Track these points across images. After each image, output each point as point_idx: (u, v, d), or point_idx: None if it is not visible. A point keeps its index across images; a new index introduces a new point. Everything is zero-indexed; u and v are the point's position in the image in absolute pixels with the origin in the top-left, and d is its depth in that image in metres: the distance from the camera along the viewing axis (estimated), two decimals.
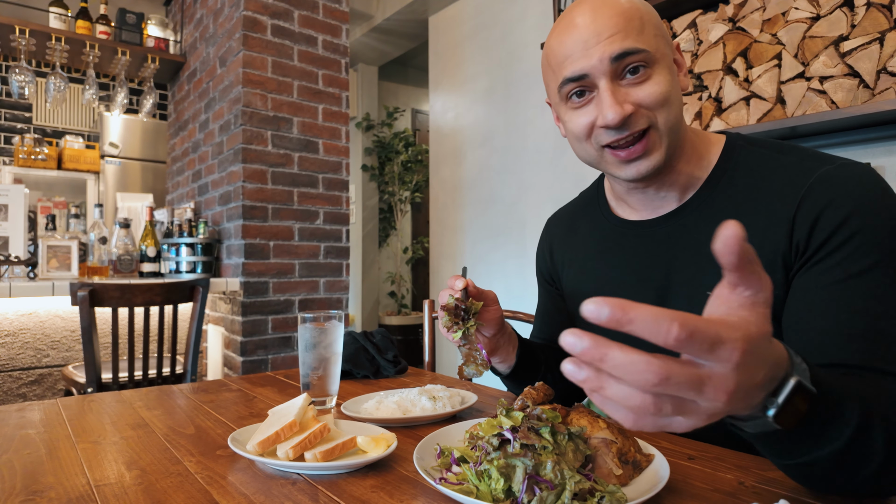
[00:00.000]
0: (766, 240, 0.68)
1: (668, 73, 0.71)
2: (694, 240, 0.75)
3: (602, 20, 0.70)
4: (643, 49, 0.69)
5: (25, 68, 2.71)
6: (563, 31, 0.73)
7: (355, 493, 0.58)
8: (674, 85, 0.72)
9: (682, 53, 0.79)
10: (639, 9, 0.71)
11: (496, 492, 0.51)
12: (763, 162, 0.74)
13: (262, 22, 2.53)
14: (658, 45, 0.71)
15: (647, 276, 0.80)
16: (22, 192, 2.24)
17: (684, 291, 0.75)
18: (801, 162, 0.71)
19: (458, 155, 3.56)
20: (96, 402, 0.96)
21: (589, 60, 0.70)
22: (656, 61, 0.70)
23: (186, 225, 2.62)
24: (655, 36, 0.71)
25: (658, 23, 0.73)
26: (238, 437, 0.70)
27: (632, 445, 0.61)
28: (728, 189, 0.75)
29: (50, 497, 0.57)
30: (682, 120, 0.74)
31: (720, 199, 0.75)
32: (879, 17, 1.56)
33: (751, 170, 0.74)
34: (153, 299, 1.80)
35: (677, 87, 0.73)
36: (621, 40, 0.69)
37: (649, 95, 0.70)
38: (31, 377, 2.21)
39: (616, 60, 0.69)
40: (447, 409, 0.85)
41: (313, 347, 0.91)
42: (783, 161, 0.72)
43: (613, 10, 0.70)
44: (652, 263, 0.79)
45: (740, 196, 0.73)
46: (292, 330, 2.58)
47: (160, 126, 3.94)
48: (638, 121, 0.70)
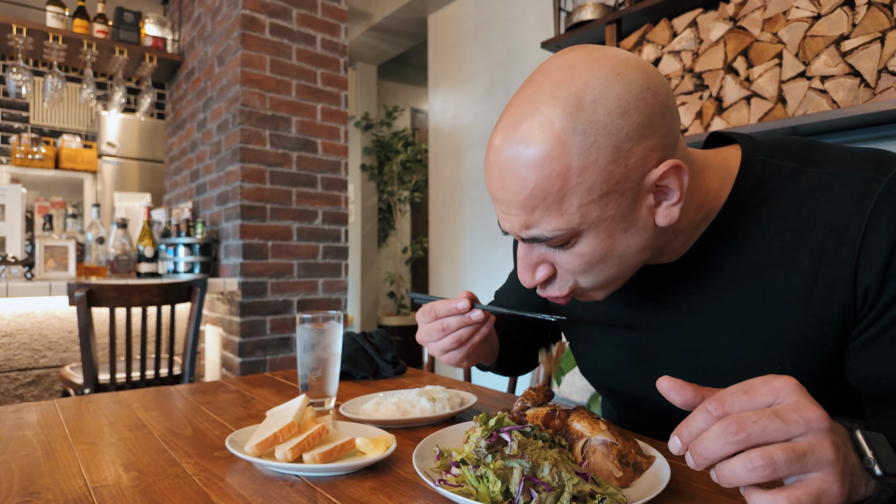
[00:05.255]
0: (816, 281, 0.58)
1: (604, 237, 0.56)
2: (712, 280, 0.65)
3: (509, 193, 0.56)
4: (555, 234, 0.55)
5: (22, 67, 2.70)
6: (486, 165, 0.59)
7: (354, 494, 0.58)
8: (614, 246, 0.57)
9: (680, 174, 0.55)
10: (561, 171, 0.52)
11: (494, 494, 0.51)
12: (792, 180, 0.61)
13: (261, 20, 2.52)
14: (587, 216, 0.54)
15: (652, 324, 0.71)
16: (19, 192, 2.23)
17: (700, 344, 0.66)
18: (844, 174, 0.58)
19: (457, 154, 3.56)
20: (93, 403, 0.95)
21: (505, 223, 0.59)
22: (582, 232, 0.56)
23: (184, 225, 2.61)
24: (587, 204, 0.54)
25: (598, 178, 0.53)
26: (236, 438, 0.70)
27: (632, 447, 0.61)
28: (752, 218, 0.62)
29: (47, 499, 0.56)
30: (637, 264, 0.60)
31: (742, 232, 0.63)
32: (880, 17, 1.56)
33: (778, 191, 0.61)
34: (151, 300, 1.80)
35: (627, 241, 0.57)
36: (527, 224, 0.56)
37: (569, 263, 0.59)
38: (29, 378, 2.20)
39: (525, 240, 0.58)
40: (446, 411, 0.84)
41: (312, 348, 0.90)
42: (819, 174, 0.59)
43: (520, 184, 0.54)
44: (658, 310, 0.70)
45: (767, 225, 0.61)
46: (291, 331, 2.58)
47: (158, 125, 3.93)
48: (556, 285, 0.61)
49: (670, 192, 0.56)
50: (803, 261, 0.59)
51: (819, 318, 0.58)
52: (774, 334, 0.60)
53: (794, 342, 0.53)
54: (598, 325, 0.78)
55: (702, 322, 0.66)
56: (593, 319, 0.79)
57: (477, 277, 3.39)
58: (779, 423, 0.39)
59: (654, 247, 0.60)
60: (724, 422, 0.40)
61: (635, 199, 0.56)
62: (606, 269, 0.59)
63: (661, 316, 0.70)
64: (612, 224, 0.56)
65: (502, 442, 0.55)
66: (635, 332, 0.73)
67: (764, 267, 0.61)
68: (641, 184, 0.55)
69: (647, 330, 0.72)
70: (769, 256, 0.61)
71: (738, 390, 0.42)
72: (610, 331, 0.77)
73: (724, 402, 0.41)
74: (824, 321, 0.58)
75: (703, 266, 0.66)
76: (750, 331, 0.62)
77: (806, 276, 0.59)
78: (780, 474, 0.39)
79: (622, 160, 0.53)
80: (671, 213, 0.57)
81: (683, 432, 0.43)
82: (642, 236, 0.58)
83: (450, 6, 3.64)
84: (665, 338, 0.69)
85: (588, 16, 2.26)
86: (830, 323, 0.58)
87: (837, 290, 0.57)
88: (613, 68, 0.53)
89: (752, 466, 0.39)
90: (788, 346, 0.59)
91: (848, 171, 0.58)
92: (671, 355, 0.69)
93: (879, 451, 0.43)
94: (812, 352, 0.58)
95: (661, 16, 2.14)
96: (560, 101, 0.53)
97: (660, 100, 0.55)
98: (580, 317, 0.81)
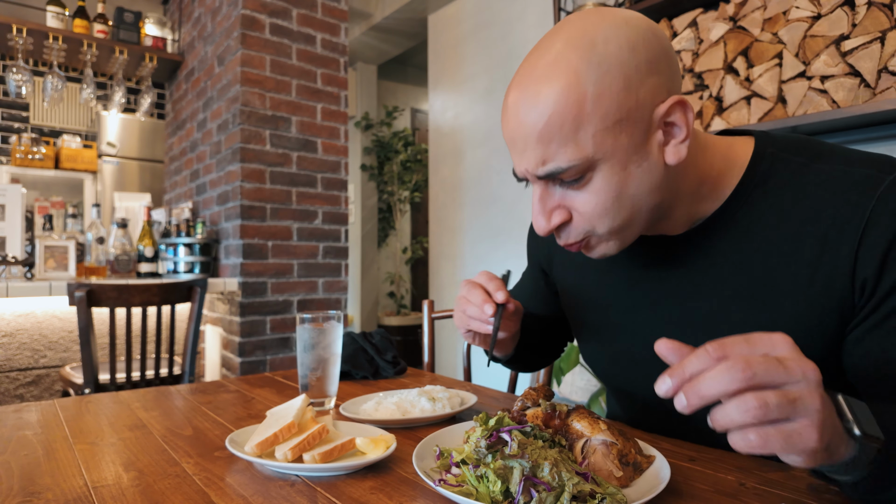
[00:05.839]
0: (816, 271, 0.59)
1: (618, 170, 0.59)
2: (717, 265, 0.67)
3: (525, 127, 0.59)
4: (571, 165, 0.58)
5: (22, 67, 2.70)
6: (503, 112, 0.63)
7: (354, 494, 0.58)
8: (627, 181, 0.59)
9: (685, 110, 0.59)
10: (577, 99, 0.56)
11: (494, 494, 0.51)
12: (800, 172, 0.63)
13: (261, 20, 2.52)
14: (601, 145, 0.57)
15: (660, 304, 0.72)
16: (19, 192, 2.23)
17: (704, 327, 0.68)
18: (850, 171, 0.60)
19: (457, 154, 3.56)
20: (94, 403, 0.95)
21: (520, 165, 0.62)
22: (597, 164, 0.58)
23: (184, 225, 2.61)
24: (601, 132, 0.57)
25: (611, 106, 0.57)
26: (236, 438, 0.70)
27: (632, 447, 0.61)
28: (760, 206, 0.64)
29: (47, 498, 0.56)
30: (649, 208, 0.62)
31: (749, 219, 0.65)
32: (880, 17, 1.56)
33: (786, 182, 0.63)
34: (151, 300, 1.80)
35: (640, 177, 0.59)
36: (542, 156, 0.59)
37: (584, 204, 0.61)
38: (29, 378, 2.21)
39: (543, 178, 0.61)
40: (446, 411, 0.84)
41: (312, 348, 0.90)
42: (828, 170, 0.61)
43: (537, 110, 0.57)
44: (665, 292, 0.72)
45: (775, 215, 0.63)
46: (291, 330, 2.58)
47: (158, 125, 3.93)
48: (571, 231, 0.63)
49: (677, 130, 0.60)
50: (805, 251, 0.60)
51: (818, 307, 0.60)
52: (773, 322, 0.62)
53: (793, 331, 0.52)
54: (600, 309, 0.80)
55: (702, 308, 0.67)
56: (596, 304, 0.81)
57: None
58: (781, 368, 0.41)
59: (663, 193, 0.62)
60: (729, 362, 0.41)
61: (646, 133, 0.59)
62: (621, 212, 0.61)
63: (663, 300, 0.71)
64: (626, 155, 0.58)
65: (502, 442, 0.55)
66: (636, 318, 0.75)
67: (766, 255, 0.63)
68: (651, 117, 0.59)
69: (648, 316, 0.73)
70: (772, 245, 0.63)
71: (738, 339, 0.44)
72: (612, 317, 0.78)
73: (725, 346, 0.43)
74: (823, 311, 0.60)
75: (706, 253, 0.67)
76: (749, 318, 0.63)
77: (807, 267, 0.60)
78: (770, 417, 0.40)
79: (633, 90, 0.57)
80: (679, 151, 0.60)
81: (677, 373, 0.43)
82: (654, 174, 0.60)
83: (450, 6, 3.64)
84: (666, 324, 0.71)
85: None
86: (829, 313, 0.59)
87: (837, 281, 0.59)
88: (622, 16, 0.60)
89: (745, 408, 0.40)
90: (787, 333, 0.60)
91: (853, 168, 0.60)
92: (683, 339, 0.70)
93: (860, 414, 0.45)
94: (810, 342, 0.59)
95: (661, 16, 2.14)
96: (574, 43, 0.58)
97: (664, 46, 0.60)
98: (583, 303, 0.83)
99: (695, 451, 0.71)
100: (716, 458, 0.68)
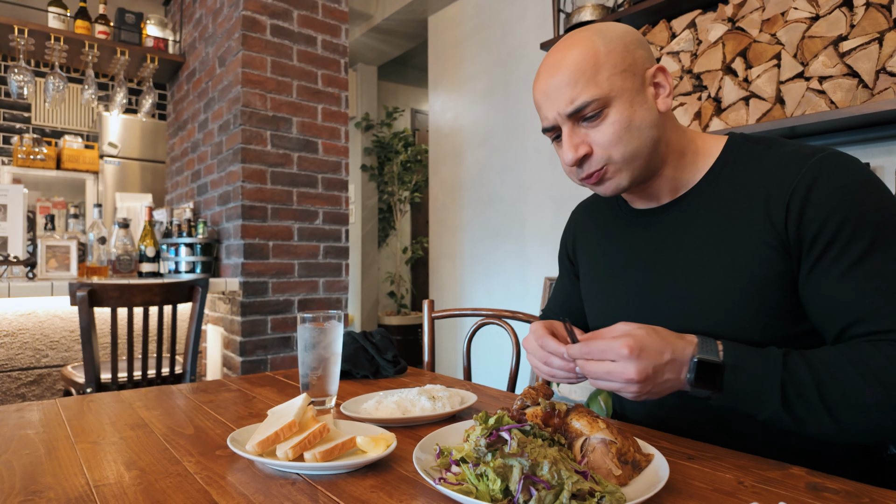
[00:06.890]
0: (768, 219, 0.76)
1: (626, 107, 0.78)
2: (695, 224, 0.83)
3: (557, 77, 0.79)
4: (593, 99, 0.77)
5: (24, 68, 2.70)
6: (536, 81, 0.83)
7: (355, 493, 0.58)
8: (634, 116, 0.78)
9: (665, 74, 0.81)
10: (593, 54, 0.78)
11: (494, 492, 0.51)
12: (759, 155, 0.81)
13: (262, 22, 2.53)
14: (614, 85, 0.77)
15: (652, 259, 0.88)
16: (21, 192, 2.23)
17: (684, 271, 0.83)
18: (795, 152, 0.78)
19: (457, 155, 3.56)
20: (95, 403, 0.96)
21: (551, 112, 0.80)
22: (611, 101, 0.77)
23: (185, 225, 2.62)
24: (612, 75, 0.77)
25: (618, 59, 0.78)
26: (237, 437, 0.70)
27: (631, 445, 0.61)
28: (729, 179, 0.82)
29: (49, 497, 0.57)
30: (651, 142, 0.80)
31: (721, 188, 0.82)
32: (878, 17, 1.56)
33: (748, 162, 0.81)
34: (152, 299, 1.80)
35: (643, 114, 0.78)
36: (571, 96, 0.78)
37: (603, 136, 0.78)
38: (30, 377, 2.21)
39: (570, 115, 0.79)
40: (446, 409, 0.85)
41: (313, 347, 0.91)
42: (778, 153, 0.80)
43: (566, 64, 0.79)
44: (655, 248, 0.88)
45: (738, 184, 0.80)
46: (292, 330, 2.58)
47: (159, 126, 3.94)
48: (593, 162, 0.80)
49: (662, 89, 0.81)
50: (759, 208, 0.77)
51: (767, 247, 0.76)
52: (735, 259, 0.78)
53: (748, 265, 0.75)
54: (605, 278, 0.96)
55: (685, 256, 0.84)
56: (604, 269, 0.96)
57: (477, 277, 3.40)
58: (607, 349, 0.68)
59: (660, 132, 0.81)
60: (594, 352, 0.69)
61: (643, 84, 0.79)
62: (632, 140, 0.78)
63: (657, 254, 0.88)
64: (632, 95, 0.78)
65: (502, 440, 0.56)
66: (633, 274, 0.91)
67: (732, 212, 0.80)
68: (644, 74, 0.80)
69: (645, 267, 0.90)
70: (736, 207, 0.80)
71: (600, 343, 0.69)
72: (614, 277, 0.94)
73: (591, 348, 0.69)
74: (771, 248, 0.76)
75: (689, 214, 0.85)
76: (717, 258, 0.80)
77: (761, 218, 0.77)
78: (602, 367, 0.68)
79: (630, 53, 0.79)
80: (667, 102, 0.81)
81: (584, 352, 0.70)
82: (652, 114, 0.79)
83: (450, 7, 3.65)
84: (659, 274, 0.87)
85: (587, 17, 2.26)
86: (776, 251, 0.75)
87: (778, 227, 0.75)
88: (618, 24, 0.83)
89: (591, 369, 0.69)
90: (745, 269, 0.77)
91: (798, 151, 0.78)
92: (666, 286, 0.86)
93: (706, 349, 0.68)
94: (763, 275, 0.76)
95: (660, 17, 2.14)
96: (586, 31, 0.80)
97: (645, 43, 0.83)
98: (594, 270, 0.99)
99: (693, 449, 0.71)
100: (714, 456, 0.68)
